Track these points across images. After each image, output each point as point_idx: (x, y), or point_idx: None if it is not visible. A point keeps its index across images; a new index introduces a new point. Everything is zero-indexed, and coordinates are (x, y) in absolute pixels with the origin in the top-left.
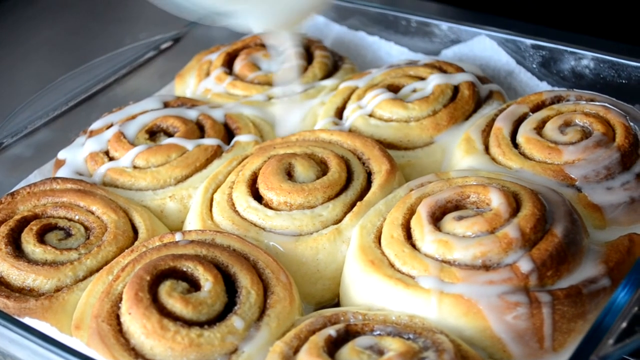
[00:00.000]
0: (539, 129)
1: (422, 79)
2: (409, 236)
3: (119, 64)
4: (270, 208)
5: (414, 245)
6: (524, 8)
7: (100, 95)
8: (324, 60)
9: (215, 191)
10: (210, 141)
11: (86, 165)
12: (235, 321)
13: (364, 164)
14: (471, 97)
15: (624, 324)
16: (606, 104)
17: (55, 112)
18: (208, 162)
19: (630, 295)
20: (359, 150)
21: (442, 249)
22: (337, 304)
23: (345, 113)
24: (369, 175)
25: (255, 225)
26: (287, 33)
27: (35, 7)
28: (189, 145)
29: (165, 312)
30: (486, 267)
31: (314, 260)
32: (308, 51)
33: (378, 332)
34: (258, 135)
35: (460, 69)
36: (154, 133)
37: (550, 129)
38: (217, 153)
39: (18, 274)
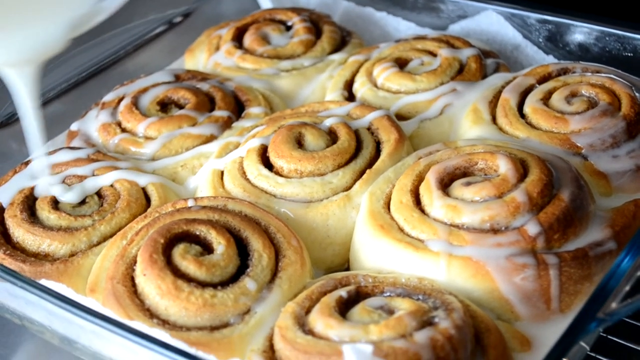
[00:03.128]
0: (546, 99)
1: (429, 52)
2: (417, 202)
3: (129, 38)
4: (281, 176)
5: (422, 211)
6: None
7: (110, 69)
8: (333, 35)
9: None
10: (220, 113)
11: (99, 136)
12: (248, 283)
13: (372, 133)
14: (478, 70)
15: (627, 287)
16: (612, 76)
17: (67, 85)
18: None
19: (634, 259)
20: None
21: (451, 213)
22: (347, 270)
23: (355, 86)
24: (377, 144)
25: (266, 192)
26: (18, 73)
27: None
28: (200, 117)
29: (179, 274)
30: (494, 231)
31: (324, 226)
32: (317, 26)
33: (388, 294)
34: (268, 108)
35: (467, 43)
36: (165, 105)
37: (556, 99)
38: (228, 123)
39: (33, 239)
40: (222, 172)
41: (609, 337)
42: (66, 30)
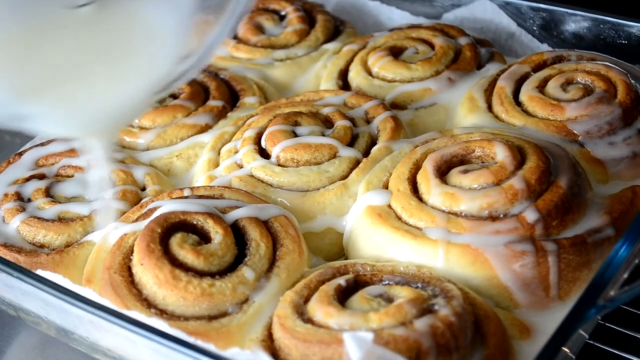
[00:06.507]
0: (541, 87)
1: (424, 41)
2: (415, 190)
3: None
4: (277, 165)
5: (420, 199)
6: None
7: None
8: (326, 24)
9: (221, 150)
10: (215, 102)
11: None
12: (246, 272)
13: (368, 122)
14: (473, 58)
15: (626, 274)
16: (607, 63)
17: None
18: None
19: (632, 246)
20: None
21: (449, 201)
22: (344, 259)
23: (349, 75)
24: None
25: (262, 181)
26: (98, 141)
27: None
28: (194, 107)
29: (176, 263)
30: (492, 218)
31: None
32: (310, 15)
33: (387, 282)
34: (262, 97)
35: (462, 32)
36: None
37: (552, 87)
38: (222, 113)
39: (29, 230)
40: (218, 162)
41: (607, 324)
42: (146, 97)
